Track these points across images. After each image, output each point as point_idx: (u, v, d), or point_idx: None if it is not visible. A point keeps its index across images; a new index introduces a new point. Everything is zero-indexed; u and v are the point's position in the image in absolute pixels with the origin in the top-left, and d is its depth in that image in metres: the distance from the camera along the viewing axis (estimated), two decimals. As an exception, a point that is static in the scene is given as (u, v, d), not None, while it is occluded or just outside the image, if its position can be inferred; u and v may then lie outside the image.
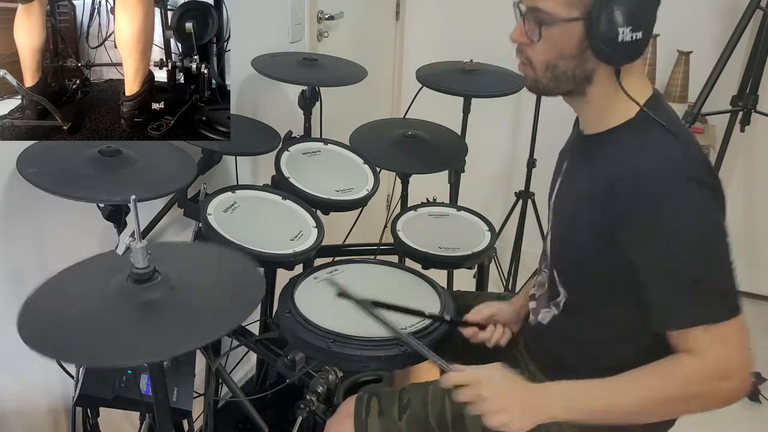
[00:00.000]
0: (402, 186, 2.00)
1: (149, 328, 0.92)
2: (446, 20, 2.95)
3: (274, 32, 2.07)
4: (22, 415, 1.48)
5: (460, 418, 1.22)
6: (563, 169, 1.20)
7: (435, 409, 1.24)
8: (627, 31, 0.96)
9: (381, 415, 1.23)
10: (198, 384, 1.42)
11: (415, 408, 1.24)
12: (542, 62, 1.05)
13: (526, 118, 2.58)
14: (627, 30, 0.96)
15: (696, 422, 1.28)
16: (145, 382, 1.28)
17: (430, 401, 1.25)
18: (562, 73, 1.04)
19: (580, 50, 1.01)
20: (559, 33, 1.01)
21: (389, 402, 1.25)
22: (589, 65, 1.03)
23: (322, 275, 1.46)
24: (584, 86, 1.06)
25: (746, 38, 2.25)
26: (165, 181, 1.30)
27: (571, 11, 0.99)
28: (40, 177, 1.18)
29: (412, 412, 1.24)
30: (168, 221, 1.68)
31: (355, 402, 1.26)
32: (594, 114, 1.10)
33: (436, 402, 1.24)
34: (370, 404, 1.25)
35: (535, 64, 1.06)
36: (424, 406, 1.24)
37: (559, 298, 1.20)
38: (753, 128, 2.43)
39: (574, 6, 0.99)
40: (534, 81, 1.08)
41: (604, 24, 0.96)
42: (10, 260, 1.36)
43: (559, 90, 1.08)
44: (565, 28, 1.00)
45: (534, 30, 1.03)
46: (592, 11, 0.97)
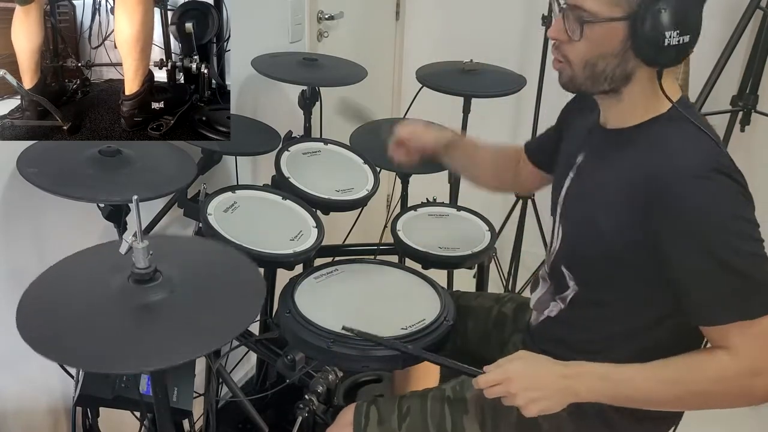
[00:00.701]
0: (402, 186, 2.00)
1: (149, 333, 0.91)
2: (446, 20, 2.95)
3: (274, 32, 2.07)
4: (22, 415, 1.48)
5: (460, 425, 1.22)
6: (576, 164, 1.17)
7: (434, 417, 1.23)
8: (674, 35, 0.94)
9: (380, 424, 1.23)
10: (198, 384, 1.42)
11: (414, 416, 1.24)
12: (581, 60, 1.03)
13: (526, 118, 2.58)
14: (674, 33, 0.94)
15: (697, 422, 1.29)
16: (145, 382, 1.28)
17: (429, 409, 1.25)
18: (601, 72, 1.03)
19: (622, 50, 0.99)
20: (601, 32, 0.99)
21: (388, 410, 1.25)
22: (629, 66, 1.01)
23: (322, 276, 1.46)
24: (621, 86, 1.04)
25: (746, 38, 2.25)
26: (165, 181, 1.30)
27: (615, 10, 0.97)
28: (40, 177, 1.18)
29: (412, 420, 1.23)
30: (168, 221, 1.68)
31: (354, 411, 1.26)
32: (623, 110, 1.08)
33: (436, 410, 1.24)
34: (369, 413, 1.25)
35: (573, 61, 1.04)
36: (424, 413, 1.24)
37: (567, 292, 1.19)
38: (753, 128, 2.43)
39: (618, 5, 0.97)
40: (570, 79, 1.06)
41: (650, 26, 0.94)
42: (10, 260, 1.36)
43: (596, 89, 1.06)
44: (608, 27, 0.98)
45: (575, 28, 1.01)
46: (639, 11, 0.95)
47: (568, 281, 1.18)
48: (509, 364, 1.08)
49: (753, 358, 0.98)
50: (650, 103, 1.05)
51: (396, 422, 1.23)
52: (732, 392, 1.01)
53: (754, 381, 0.99)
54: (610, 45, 1.00)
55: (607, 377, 1.04)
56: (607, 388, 1.05)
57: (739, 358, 0.98)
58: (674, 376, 1.02)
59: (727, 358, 0.99)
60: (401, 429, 1.23)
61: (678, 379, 1.02)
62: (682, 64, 2.42)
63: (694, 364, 1.02)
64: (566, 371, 1.07)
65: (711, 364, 1.00)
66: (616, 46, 0.99)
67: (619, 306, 1.12)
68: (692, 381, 1.01)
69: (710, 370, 1.00)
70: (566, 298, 1.19)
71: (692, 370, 1.02)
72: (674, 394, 1.03)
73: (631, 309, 1.11)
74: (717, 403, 1.03)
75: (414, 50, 3.00)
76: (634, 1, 0.96)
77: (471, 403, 1.23)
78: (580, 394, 1.05)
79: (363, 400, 1.29)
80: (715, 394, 1.01)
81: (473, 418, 1.22)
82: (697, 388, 1.01)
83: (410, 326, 1.29)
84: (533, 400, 1.04)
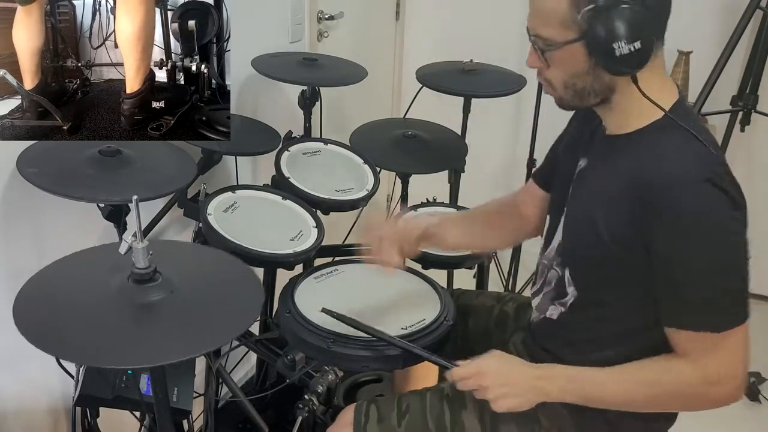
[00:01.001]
0: (402, 186, 2.00)
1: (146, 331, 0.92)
2: (446, 20, 2.95)
3: (274, 32, 2.07)
4: (22, 415, 1.48)
5: (459, 420, 1.22)
6: (579, 168, 1.20)
7: (434, 413, 1.24)
8: (623, 45, 0.97)
9: (380, 422, 1.24)
10: (198, 384, 1.42)
11: (413, 413, 1.24)
12: (560, 83, 1.07)
13: (526, 118, 2.58)
14: (622, 43, 0.97)
15: (696, 422, 1.29)
16: (145, 382, 1.28)
17: (428, 406, 1.25)
18: (582, 89, 1.06)
19: (590, 67, 1.03)
20: (563, 56, 1.03)
21: (388, 408, 1.26)
22: (605, 78, 1.04)
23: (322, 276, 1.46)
24: (609, 95, 1.07)
25: (746, 38, 2.25)
26: (165, 181, 1.30)
27: (567, 34, 1.01)
28: (40, 177, 1.18)
29: (411, 417, 1.24)
30: (168, 221, 1.68)
31: (354, 410, 1.26)
32: (620, 117, 1.11)
33: (435, 406, 1.25)
34: (369, 411, 1.25)
35: (555, 85, 1.08)
36: (423, 410, 1.25)
37: (567, 298, 1.20)
38: (753, 128, 2.44)
39: (569, 28, 1.00)
40: (559, 99, 1.11)
41: (600, 41, 0.98)
42: (10, 260, 1.36)
43: (586, 103, 1.10)
44: (567, 50, 1.02)
45: (541, 56, 1.06)
46: (588, 30, 0.99)
47: (567, 287, 1.19)
48: (483, 361, 1.13)
49: (712, 368, 1.03)
50: (644, 109, 1.07)
51: (395, 419, 1.24)
52: (689, 397, 1.07)
53: (711, 389, 1.04)
54: (578, 65, 1.03)
55: (575, 379, 1.11)
56: (577, 389, 1.10)
57: (698, 366, 1.03)
58: (639, 377, 1.08)
59: (686, 364, 1.04)
60: (401, 426, 1.23)
61: (642, 382, 1.08)
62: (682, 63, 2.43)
63: (658, 367, 1.07)
64: (538, 372, 1.12)
65: (673, 368, 1.05)
66: (584, 65, 1.03)
67: (618, 306, 1.13)
68: (656, 383, 1.07)
69: (672, 374, 1.06)
70: (566, 303, 1.20)
71: (656, 373, 1.07)
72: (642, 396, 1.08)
73: (631, 309, 1.13)
74: (676, 406, 1.12)
75: (414, 50, 3.00)
76: (582, 22, 0.99)
77: (469, 399, 1.23)
78: (551, 394, 1.11)
79: (363, 399, 1.30)
80: (676, 397, 1.08)
81: (472, 413, 1.22)
82: (659, 390, 1.07)
83: (410, 326, 1.29)
84: (504, 395, 1.10)
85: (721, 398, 1.05)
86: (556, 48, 1.03)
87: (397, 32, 2.99)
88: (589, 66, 1.03)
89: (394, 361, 1.25)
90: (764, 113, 2.35)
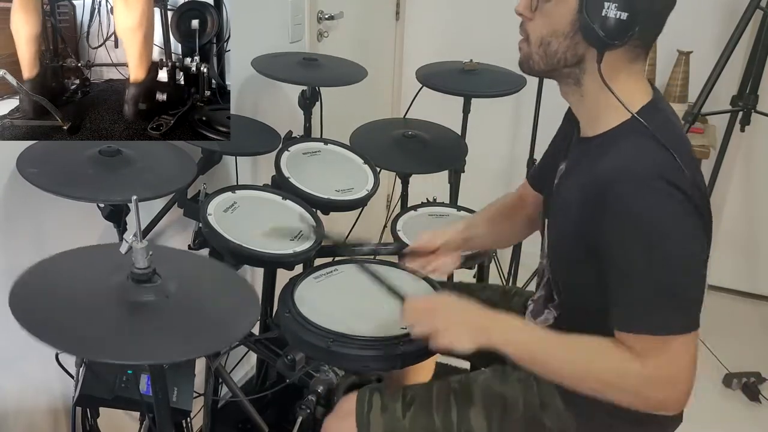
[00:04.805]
0: (402, 186, 2.01)
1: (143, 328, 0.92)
2: (446, 20, 2.95)
3: (274, 32, 2.07)
4: (22, 415, 1.48)
5: (466, 417, 1.22)
6: (558, 174, 1.20)
7: (440, 407, 1.23)
8: (612, 7, 0.98)
9: (384, 411, 1.23)
10: (198, 384, 1.42)
11: (419, 406, 1.23)
12: (537, 38, 1.08)
13: (526, 118, 2.58)
14: (613, 6, 0.97)
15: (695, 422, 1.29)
16: (145, 382, 1.28)
17: (434, 398, 1.24)
18: (554, 53, 1.07)
19: (572, 30, 1.03)
20: (553, 8, 1.04)
21: (392, 398, 1.25)
22: (579, 49, 1.05)
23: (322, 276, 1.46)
24: (576, 71, 1.07)
25: (746, 38, 2.25)
26: (165, 181, 1.30)
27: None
28: (40, 177, 1.18)
29: (416, 409, 1.23)
30: (168, 221, 1.68)
31: (357, 398, 1.25)
32: (590, 114, 1.10)
33: (441, 400, 1.24)
34: (372, 400, 1.25)
35: (531, 39, 1.09)
36: (429, 404, 1.24)
37: (555, 303, 1.21)
38: (753, 128, 2.43)
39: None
40: (527, 57, 1.11)
41: None
42: (10, 260, 1.36)
43: (549, 69, 1.10)
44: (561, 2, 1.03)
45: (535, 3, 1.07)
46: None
47: (553, 292, 1.20)
48: (437, 295, 1.23)
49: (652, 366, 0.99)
50: (612, 110, 1.06)
51: (400, 411, 1.23)
52: (628, 391, 1.02)
53: (646, 386, 1.00)
54: (562, 23, 1.04)
55: (521, 330, 1.12)
56: (517, 341, 1.09)
57: (643, 366, 0.99)
58: (580, 353, 1.05)
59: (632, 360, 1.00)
60: (405, 418, 1.22)
61: (583, 359, 1.04)
62: (682, 63, 2.43)
63: (600, 349, 1.03)
64: (488, 313, 1.13)
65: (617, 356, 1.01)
66: (567, 24, 1.03)
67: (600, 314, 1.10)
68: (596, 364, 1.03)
69: (615, 362, 1.01)
70: (556, 306, 1.22)
71: (599, 355, 1.03)
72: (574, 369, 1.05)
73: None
74: (613, 395, 1.03)
75: (414, 50, 3.00)
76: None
77: (478, 397, 1.23)
78: (492, 338, 1.08)
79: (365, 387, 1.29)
80: (612, 386, 1.03)
81: (480, 412, 1.22)
82: (597, 372, 1.03)
83: (410, 326, 1.29)
84: (453, 324, 1.10)
85: (657, 401, 1.02)
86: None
87: (397, 32, 2.99)
88: (571, 29, 1.03)
89: (394, 361, 1.25)
90: (764, 113, 2.35)
